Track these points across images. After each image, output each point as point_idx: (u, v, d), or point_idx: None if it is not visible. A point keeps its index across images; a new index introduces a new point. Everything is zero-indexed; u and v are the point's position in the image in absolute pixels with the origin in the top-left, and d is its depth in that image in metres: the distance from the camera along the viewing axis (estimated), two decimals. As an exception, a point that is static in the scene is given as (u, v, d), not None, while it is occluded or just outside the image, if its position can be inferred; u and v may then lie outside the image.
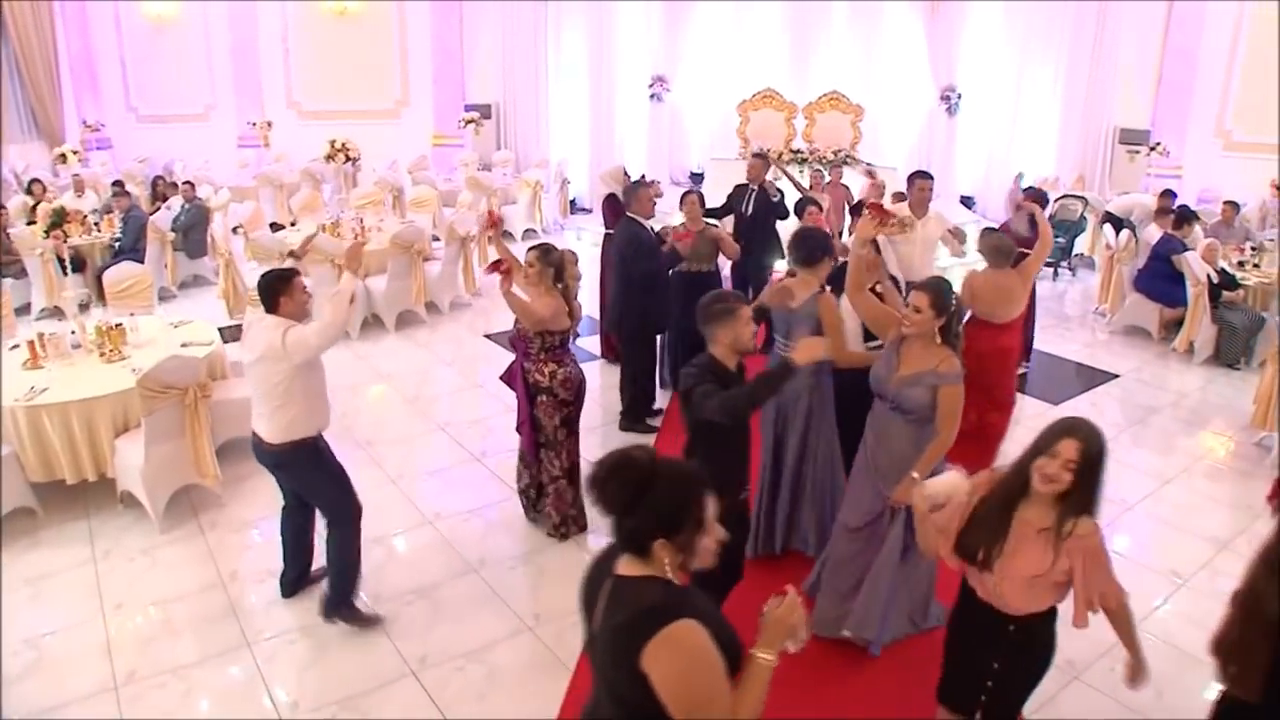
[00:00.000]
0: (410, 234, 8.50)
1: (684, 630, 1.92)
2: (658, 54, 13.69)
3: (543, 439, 5.09)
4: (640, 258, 6.24)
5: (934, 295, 3.76)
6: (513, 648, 4.40)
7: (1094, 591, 2.71)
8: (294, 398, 4.16)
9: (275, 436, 4.21)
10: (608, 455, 2.05)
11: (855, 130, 12.93)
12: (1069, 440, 2.61)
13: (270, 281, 4.13)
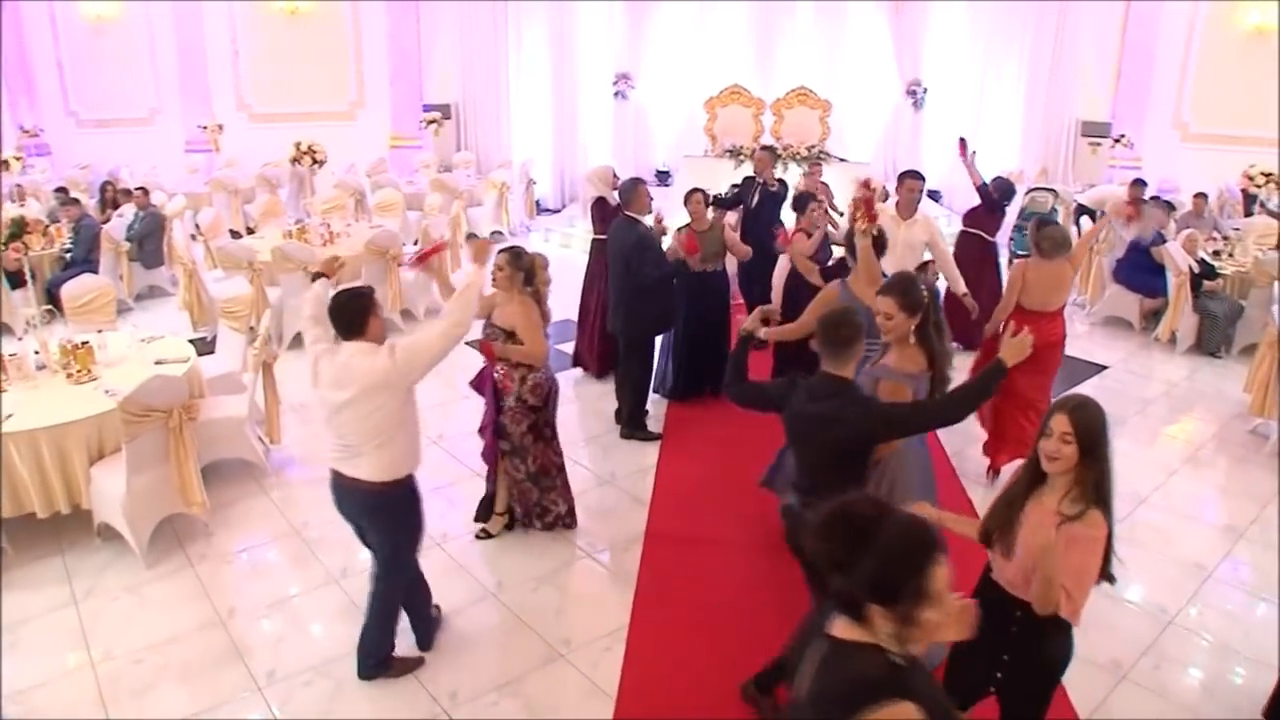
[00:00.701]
0: (384, 239, 8.13)
1: (900, 714, 1.68)
2: (621, 51, 13.44)
3: (507, 445, 4.95)
4: (651, 260, 6.02)
5: (901, 297, 3.68)
6: (548, 677, 4.11)
7: (1049, 573, 2.59)
8: (403, 428, 3.74)
9: (380, 475, 3.71)
10: (831, 505, 1.79)
11: (824, 126, 12.83)
12: (1059, 415, 2.68)
13: (352, 303, 3.66)
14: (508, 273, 4.75)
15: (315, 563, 4.96)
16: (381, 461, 3.71)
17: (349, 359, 3.61)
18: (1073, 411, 2.68)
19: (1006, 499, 2.86)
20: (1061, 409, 2.70)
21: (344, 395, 3.60)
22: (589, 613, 4.61)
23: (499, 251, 4.83)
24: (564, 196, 13.88)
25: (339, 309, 3.64)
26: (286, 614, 4.53)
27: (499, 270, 4.76)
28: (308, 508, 5.48)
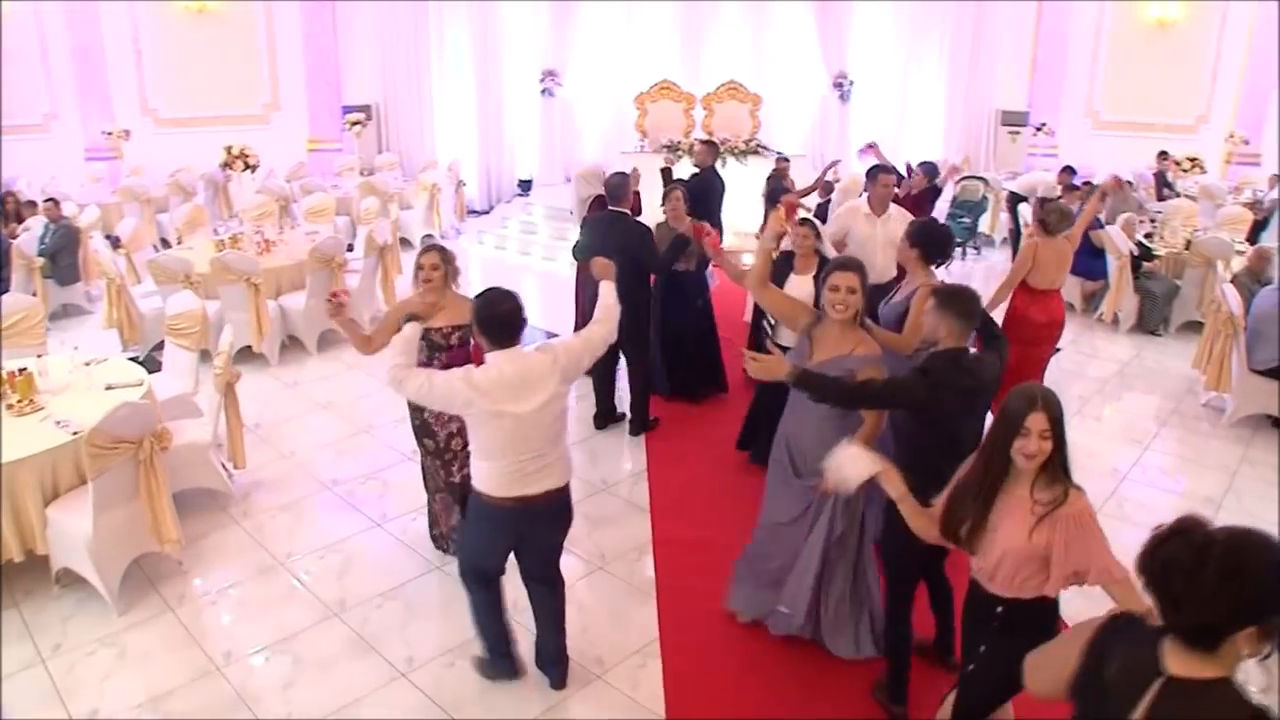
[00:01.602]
0: (330, 246, 7.67)
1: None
2: (547, 48, 13.12)
3: (432, 446, 4.60)
4: (658, 254, 5.94)
5: (862, 273, 3.73)
6: (590, 701, 3.87)
7: (1073, 565, 2.63)
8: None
9: (566, 474, 3.62)
10: (1170, 525, 1.64)
11: (754, 119, 12.79)
12: (1036, 415, 2.59)
13: (513, 310, 3.40)
14: (443, 270, 4.47)
15: (308, 596, 4.57)
16: (565, 460, 3.60)
17: (525, 365, 3.38)
18: (1047, 407, 2.60)
19: (972, 494, 2.73)
20: (1034, 407, 2.59)
21: (538, 400, 3.37)
22: (614, 628, 4.38)
23: (428, 250, 4.54)
24: (491, 197, 13.50)
25: (500, 318, 3.37)
26: (290, 655, 4.14)
27: (433, 270, 4.42)
28: (287, 537, 5.09)
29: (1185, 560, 1.60)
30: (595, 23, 13.21)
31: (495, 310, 3.39)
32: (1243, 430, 6.87)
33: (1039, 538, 2.62)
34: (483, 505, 3.52)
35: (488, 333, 3.39)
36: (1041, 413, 2.59)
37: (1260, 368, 6.84)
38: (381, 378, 3.44)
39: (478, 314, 3.40)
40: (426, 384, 3.32)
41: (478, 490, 3.51)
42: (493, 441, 3.37)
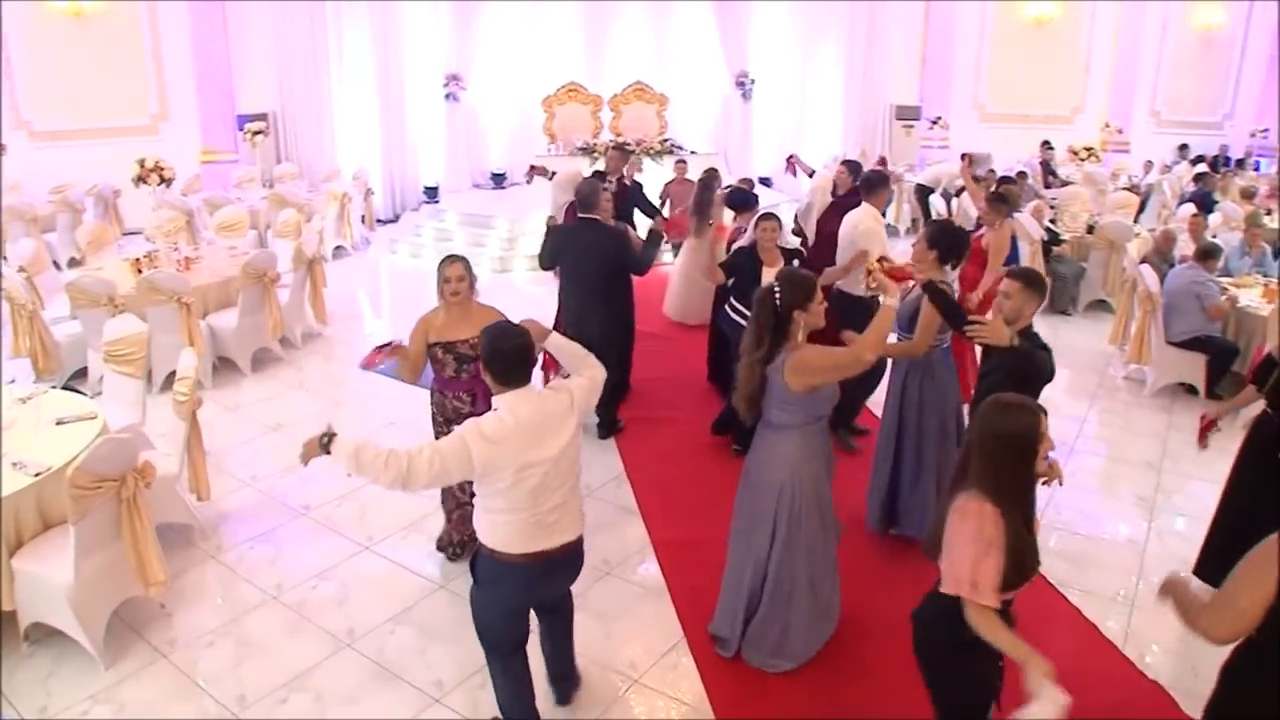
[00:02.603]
0: (263, 260, 7.29)
1: None
2: (450, 52, 12.83)
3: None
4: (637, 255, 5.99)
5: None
6: (635, 704, 3.81)
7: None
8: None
9: (581, 526, 3.35)
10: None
11: (661, 119, 12.93)
12: (1044, 420, 2.71)
13: (521, 347, 3.10)
14: (468, 281, 4.43)
15: (312, 629, 4.33)
16: (579, 505, 3.34)
17: (541, 406, 3.11)
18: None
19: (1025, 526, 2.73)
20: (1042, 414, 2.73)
21: (559, 443, 3.11)
22: (638, 631, 4.35)
23: (452, 261, 4.47)
24: (396, 205, 13.10)
25: (507, 355, 3.07)
26: (310, 692, 3.92)
27: (461, 281, 4.37)
28: (271, 569, 4.81)
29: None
30: (498, 25, 13.01)
31: (501, 347, 3.09)
32: (1163, 399, 7.34)
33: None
34: (498, 565, 3.18)
35: (494, 371, 3.10)
36: (1045, 417, 2.71)
37: (1177, 340, 7.32)
38: (382, 483, 2.97)
39: (483, 352, 3.13)
40: (437, 461, 2.94)
41: (491, 549, 3.17)
42: (516, 492, 3.05)
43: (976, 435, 2.72)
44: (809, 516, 3.80)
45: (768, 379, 3.61)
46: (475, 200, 12.78)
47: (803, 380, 3.55)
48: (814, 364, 3.59)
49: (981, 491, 2.62)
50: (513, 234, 11.24)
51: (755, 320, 3.65)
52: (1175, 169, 13.42)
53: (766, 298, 3.61)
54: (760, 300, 3.64)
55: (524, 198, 12.14)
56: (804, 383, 3.56)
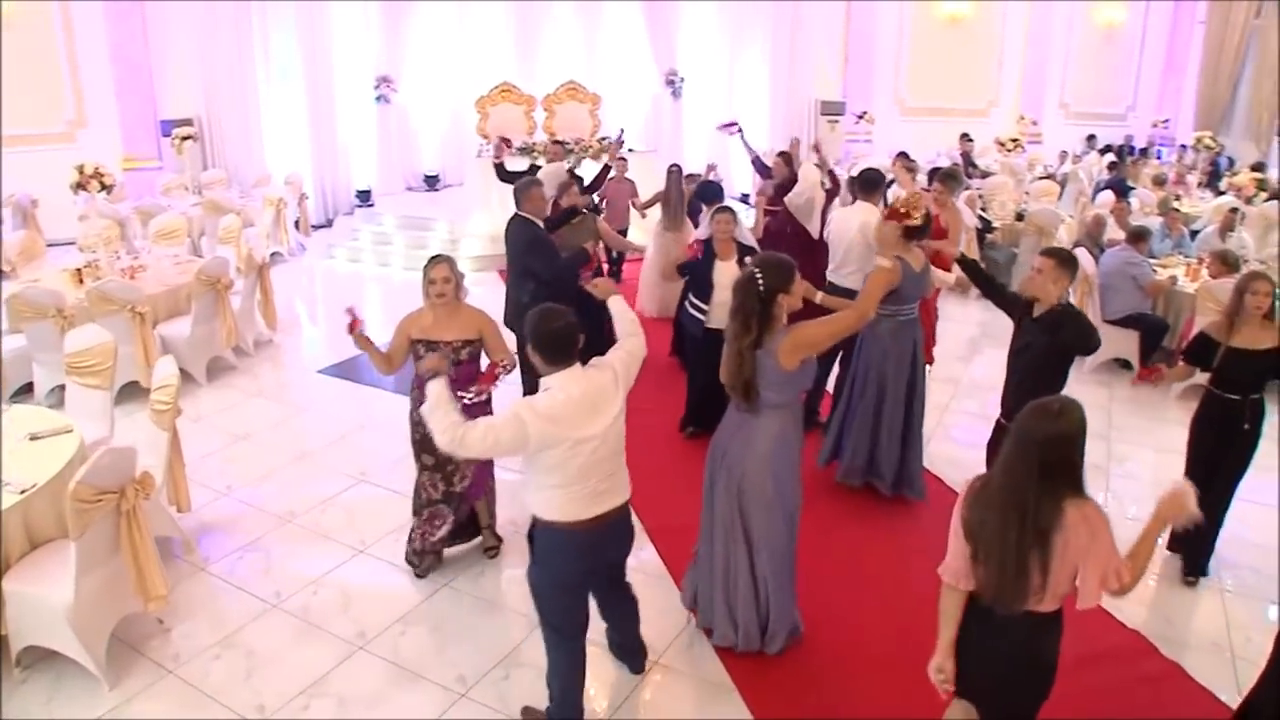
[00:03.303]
0: (216, 266, 7.09)
1: None
2: (380, 53, 12.63)
3: (431, 461, 4.57)
4: (545, 257, 5.86)
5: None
6: (667, 691, 3.86)
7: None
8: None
9: (628, 491, 3.46)
10: None
11: (594, 118, 12.93)
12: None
13: (569, 327, 3.18)
14: (454, 282, 4.35)
15: (320, 635, 4.26)
16: (626, 471, 3.45)
17: (589, 384, 3.20)
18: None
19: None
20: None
21: (609, 418, 3.23)
22: (650, 615, 4.32)
23: (439, 263, 4.39)
24: (328, 209, 12.82)
25: (556, 335, 3.15)
26: (331, 697, 3.86)
27: (447, 283, 4.30)
28: (266, 577, 4.71)
29: None
30: (428, 26, 12.86)
31: (550, 327, 3.16)
32: (1102, 374, 7.74)
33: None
34: (557, 535, 3.28)
35: (544, 352, 3.17)
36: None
37: (1113, 318, 7.74)
38: (439, 441, 3.10)
39: (532, 333, 3.18)
40: (490, 436, 3.04)
41: (550, 521, 3.26)
42: (569, 467, 3.15)
43: (1058, 444, 2.60)
44: (794, 490, 3.92)
45: (759, 363, 3.66)
46: (411, 203, 12.63)
47: (799, 356, 3.64)
48: (815, 337, 3.73)
49: (1081, 494, 2.65)
50: (454, 235, 11.15)
51: (740, 308, 3.66)
52: (1085, 158, 14.09)
53: (749, 284, 3.64)
54: (743, 287, 3.66)
55: (460, 199, 12.06)
56: (799, 358, 3.65)
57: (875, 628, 4.25)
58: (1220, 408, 4.56)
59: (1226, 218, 8.79)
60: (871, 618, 4.34)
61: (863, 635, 4.22)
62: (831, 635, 4.20)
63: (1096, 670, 3.96)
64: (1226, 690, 3.91)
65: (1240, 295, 4.41)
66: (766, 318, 3.64)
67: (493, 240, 10.81)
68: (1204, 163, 13.29)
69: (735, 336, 3.68)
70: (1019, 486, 2.60)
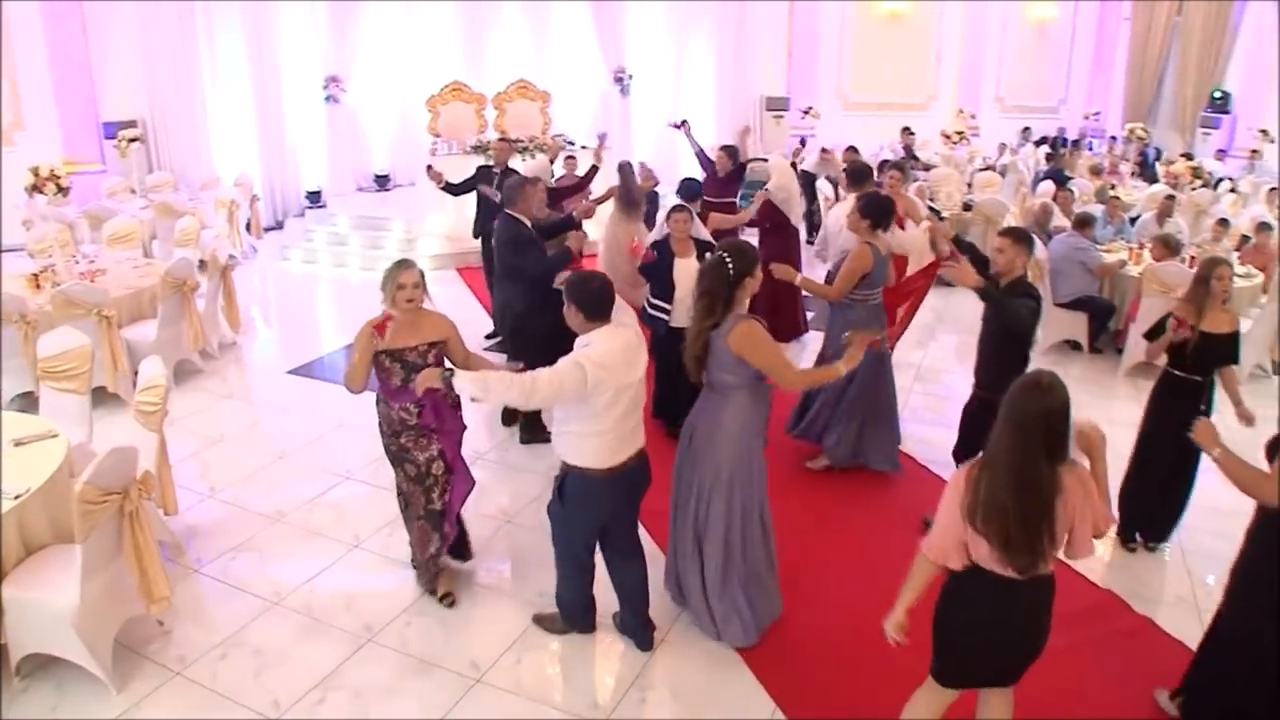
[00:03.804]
0: (182, 268, 6.98)
1: None
2: (328, 53, 12.47)
3: (413, 472, 4.31)
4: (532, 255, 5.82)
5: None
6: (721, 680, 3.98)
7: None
8: None
9: (644, 437, 3.85)
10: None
11: (544, 116, 12.95)
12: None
13: (606, 287, 3.62)
14: (423, 286, 4.16)
15: (326, 630, 4.28)
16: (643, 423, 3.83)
17: (624, 338, 3.59)
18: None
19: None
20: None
21: (641, 367, 3.67)
22: (662, 599, 4.43)
23: (407, 268, 4.11)
24: (278, 211, 12.64)
25: (596, 294, 3.58)
26: (346, 690, 3.89)
27: (416, 288, 4.08)
28: (263, 577, 4.70)
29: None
30: (376, 25, 12.73)
31: (590, 287, 3.58)
32: (1053, 355, 8.07)
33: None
34: (588, 480, 3.67)
35: (587, 309, 3.55)
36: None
37: (1063, 301, 8.07)
38: (514, 401, 3.54)
39: (575, 294, 3.55)
40: (555, 382, 3.41)
41: (584, 467, 3.65)
42: (610, 413, 3.54)
43: (1051, 418, 2.78)
44: (757, 472, 4.02)
45: (711, 343, 3.82)
46: (363, 203, 12.52)
47: (743, 351, 3.75)
48: (757, 347, 3.77)
49: (1069, 459, 2.85)
50: (411, 235, 11.10)
51: (708, 291, 3.82)
52: (1022, 150, 14.57)
53: (720, 267, 3.79)
54: (713, 271, 3.82)
55: (413, 199, 11.99)
56: (743, 352, 3.75)
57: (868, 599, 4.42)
58: (1181, 389, 4.72)
59: (1164, 204, 9.21)
60: (863, 590, 4.50)
61: (858, 607, 4.38)
62: (830, 609, 4.35)
63: (1075, 627, 4.14)
64: (1195, 639, 4.15)
65: (1205, 281, 4.59)
66: (730, 300, 3.80)
67: (450, 239, 10.83)
68: (1134, 153, 13.86)
69: (700, 317, 3.86)
70: (1030, 464, 2.75)
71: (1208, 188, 10.97)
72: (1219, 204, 10.62)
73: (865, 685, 3.86)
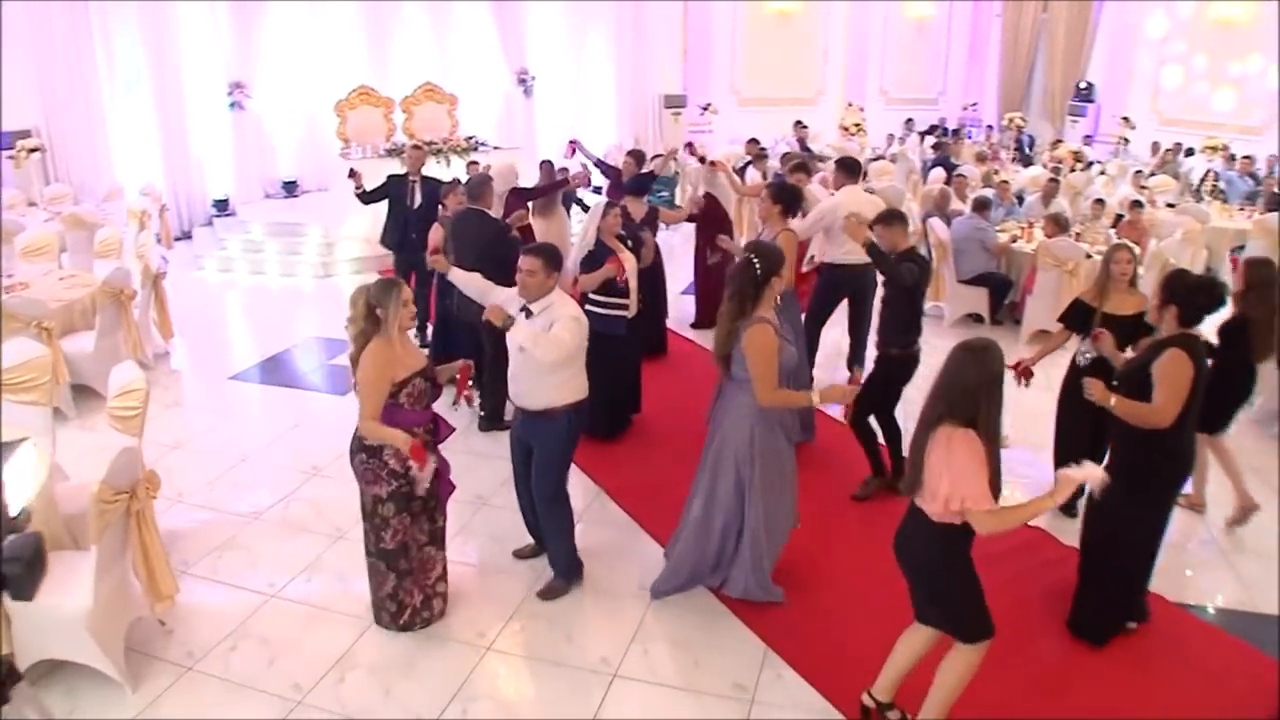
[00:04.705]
0: (119, 278, 6.90)
1: None
2: (232, 59, 12.24)
3: (360, 503, 4.20)
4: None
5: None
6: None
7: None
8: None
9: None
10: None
11: (452, 119, 13.06)
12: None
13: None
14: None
15: (330, 615, 4.44)
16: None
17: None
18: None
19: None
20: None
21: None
22: (632, 561, 4.85)
23: (400, 286, 3.96)
24: (184, 221, 12.33)
25: (555, 250, 4.32)
26: (361, 668, 4.07)
27: (409, 304, 4.00)
28: (254, 571, 4.81)
29: None
30: (280, 30, 12.55)
31: (549, 247, 4.32)
32: (959, 328, 8.71)
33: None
34: (582, 409, 4.38)
35: (555, 263, 4.25)
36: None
37: (965, 278, 8.75)
38: (548, 353, 4.05)
39: (546, 253, 4.21)
40: (575, 333, 4.13)
41: (579, 400, 4.32)
42: (581, 356, 4.28)
43: (953, 378, 3.12)
44: (774, 460, 4.30)
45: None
46: (273, 210, 12.36)
47: (746, 351, 4.02)
48: (759, 352, 4.00)
49: (961, 423, 3.08)
50: (329, 239, 11.06)
51: (739, 291, 4.06)
52: (908, 140, 15.45)
53: (749, 268, 4.07)
54: (742, 272, 4.08)
55: (328, 204, 11.92)
56: (746, 353, 4.03)
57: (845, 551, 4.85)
58: (1090, 370, 4.95)
59: (1048, 186, 10.03)
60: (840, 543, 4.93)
61: (833, 560, 4.80)
62: (808, 563, 4.75)
63: (1011, 562, 4.66)
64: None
65: (1107, 265, 5.02)
66: (758, 299, 4.08)
67: (369, 243, 10.81)
68: (1011, 140, 14.91)
69: (731, 316, 4.09)
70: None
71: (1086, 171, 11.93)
72: (1093, 185, 11.59)
73: (851, 627, 4.27)
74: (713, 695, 3.90)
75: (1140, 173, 11.73)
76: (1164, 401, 3.79)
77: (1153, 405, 3.82)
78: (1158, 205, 10.48)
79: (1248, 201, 11.25)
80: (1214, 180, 11.91)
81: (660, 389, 6.83)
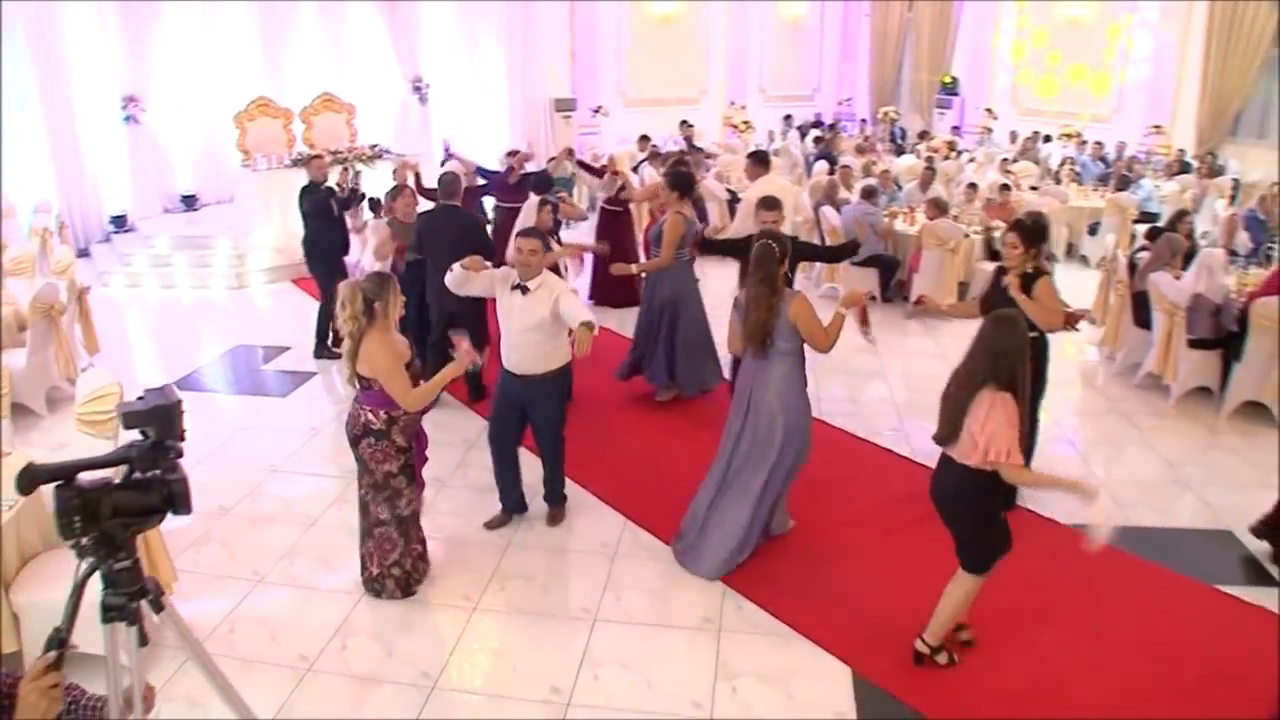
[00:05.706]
0: (49, 292, 6.93)
1: None
2: (126, 72, 12.02)
3: (370, 481, 4.53)
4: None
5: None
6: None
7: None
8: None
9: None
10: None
11: (350, 128, 13.17)
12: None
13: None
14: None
15: (320, 594, 4.75)
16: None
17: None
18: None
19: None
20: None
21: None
22: (595, 530, 5.30)
23: (392, 282, 4.40)
24: (80, 238, 12.04)
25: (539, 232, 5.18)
26: (361, 635, 4.43)
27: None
28: (235, 561, 5.06)
29: None
30: (173, 41, 12.38)
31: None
32: (853, 307, 9.49)
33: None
34: (567, 371, 5.23)
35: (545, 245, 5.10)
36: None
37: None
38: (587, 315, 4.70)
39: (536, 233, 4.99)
40: (571, 300, 4.91)
41: (566, 363, 5.10)
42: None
43: (990, 345, 3.65)
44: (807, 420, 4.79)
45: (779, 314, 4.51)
46: (173, 224, 12.22)
47: (797, 319, 4.52)
48: (810, 317, 4.54)
49: (1000, 386, 3.60)
50: (239, 250, 11.07)
51: (768, 275, 4.45)
52: (789, 135, 16.33)
53: (769, 251, 4.49)
54: (765, 256, 4.47)
55: (233, 215, 11.91)
56: (801, 321, 4.53)
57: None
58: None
59: (925, 174, 10.97)
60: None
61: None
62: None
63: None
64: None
65: (989, 244, 5.90)
66: (782, 275, 4.59)
67: (280, 252, 10.92)
68: (884, 132, 15.98)
69: (763, 296, 4.48)
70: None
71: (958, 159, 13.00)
72: (964, 172, 12.65)
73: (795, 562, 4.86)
74: (686, 628, 4.44)
75: (1006, 159, 12.88)
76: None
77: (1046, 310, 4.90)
78: (1023, 188, 11.58)
79: (1100, 183, 12.55)
80: (1070, 165, 13.17)
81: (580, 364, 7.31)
